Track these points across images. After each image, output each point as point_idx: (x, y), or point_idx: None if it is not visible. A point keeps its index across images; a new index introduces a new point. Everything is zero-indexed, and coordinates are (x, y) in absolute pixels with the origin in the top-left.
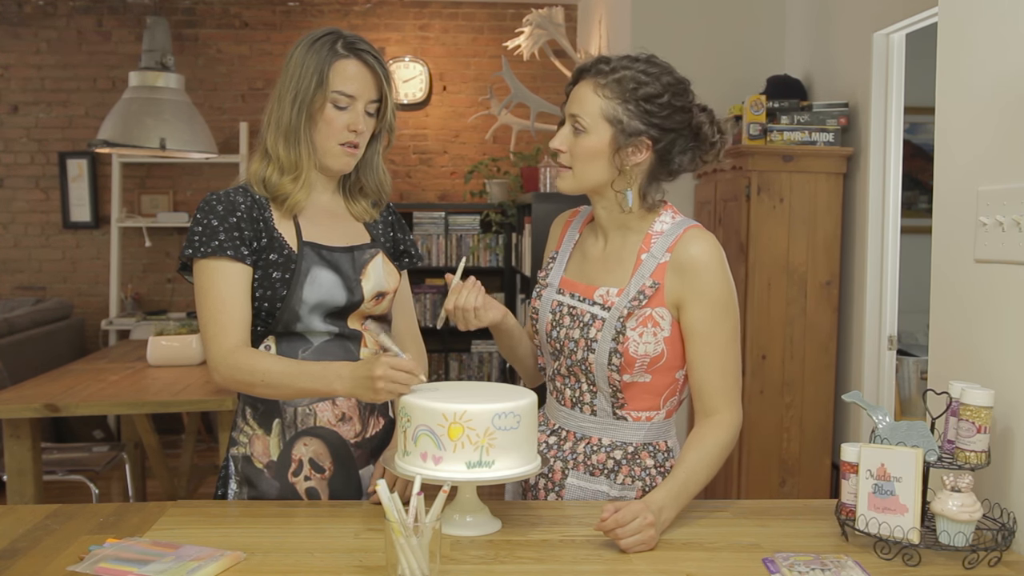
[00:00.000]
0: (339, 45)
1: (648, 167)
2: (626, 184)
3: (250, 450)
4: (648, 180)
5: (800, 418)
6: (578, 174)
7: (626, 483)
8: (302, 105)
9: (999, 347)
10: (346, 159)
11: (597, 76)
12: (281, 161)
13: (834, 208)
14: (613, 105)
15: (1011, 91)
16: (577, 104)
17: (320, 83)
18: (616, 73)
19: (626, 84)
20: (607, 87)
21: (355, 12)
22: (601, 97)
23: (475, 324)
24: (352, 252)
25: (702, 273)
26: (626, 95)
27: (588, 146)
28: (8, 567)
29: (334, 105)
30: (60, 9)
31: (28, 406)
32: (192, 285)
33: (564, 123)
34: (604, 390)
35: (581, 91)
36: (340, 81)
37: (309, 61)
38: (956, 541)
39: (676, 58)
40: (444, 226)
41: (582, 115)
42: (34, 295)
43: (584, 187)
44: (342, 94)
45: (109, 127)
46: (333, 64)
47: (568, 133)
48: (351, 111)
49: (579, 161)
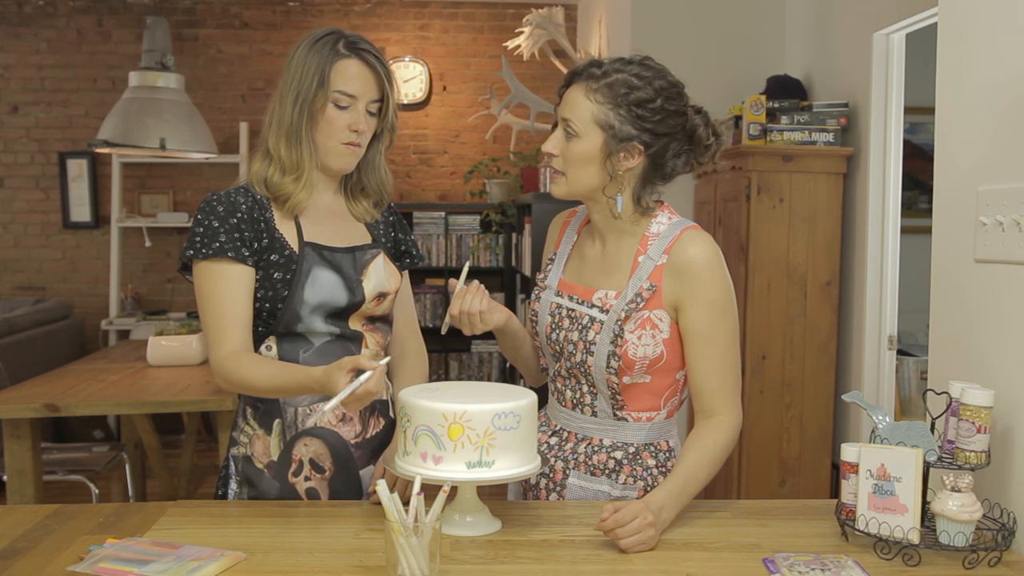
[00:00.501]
0: (341, 45)
1: (641, 171)
2: (617, 189)
3: (250, 450)
4: (641, 184)
5: (800, 418)
6: (570, 179)
7: (628, 483)
8: (304, 105)
9: (999, 347)
10: (347, 159)
11: (589, 80)
12: (283, 161)
13: (834, 208)
14: (604, 110)
15: (1011, 91)
16: (569, 108)
17: (322, 83)
18: (608, 77)
19: (617, 89)
20: (598, 91)
21: (355, 12)
22: (592, 102)
23: (480, 328)
24: (353, 253)
25: (700, 274)
26: (617, 100)
27: (579, 151)
28: (8, 567)
29: (335, 105)
30: (60, 9)
31: (28, 406)
32: (192, 285)
33: (557, 126)
34: (604, 392)
35: (573, 95)
36: (342, 81)
37: (311, 61)
38: (956, 541)
39: (676, 58)
40: (444, 226)
41: (573, 119)
42: (34, 295)
43: (576, 192)
44: (343, 94)
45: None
46: (335, 64)
47: (560, 137)
48: (352, 111)
49: (571, 166)
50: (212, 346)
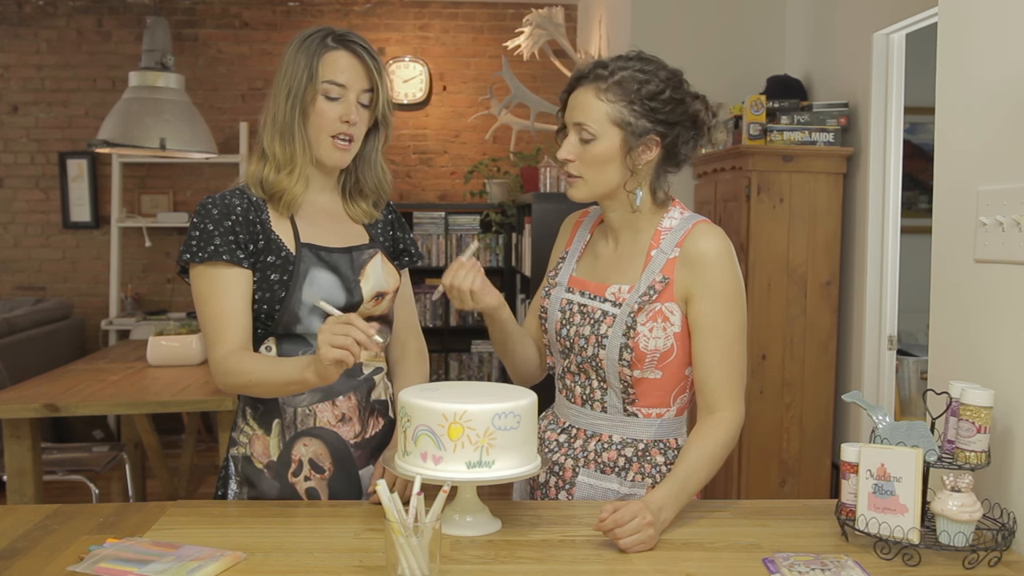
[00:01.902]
0: (329, 39)
1: (656, 162)
2: (637, 183)
3: (250, 450)
4: (656, 175)
5: (800, 418)
6: (590, 182)
7: (636, 480)
8: (295, 100)
9: (999, 347)
10: (339, 153)
11: (597, 81)
12: (277, 158)
13: (834, 208)
14: (618, 108)
15: (1011, 91)
16: (581, 112)
17: (311, 76)
18: (615, 75)
19: (628, 85)
20: (609, 91)
21: (355, 12)
22: (605, 102)
23: (470, 305)
24: (351, 253)
25: (711, 267)
26: (631, 96)
27: (599, 152)
28: (8, 567)
29: (326, 96)
30: (60, 9)
31: (28, 406)
32: (191, 287)
33: (563, 131)
34: (615, 386)
35: (582, 98)
36: (330, 71)
37: (300, 58)
38: (956, 541)
39: (676, 58)
40: (444, 226)
41: (588, 122)
42: (34, 295)
43: (597, 194)
44: (332, 83)
45: (109, 127)
46: (323, 56)
47: (575, 142)
48: (343, 102)
49: (591, 169)
50: (210, 349)
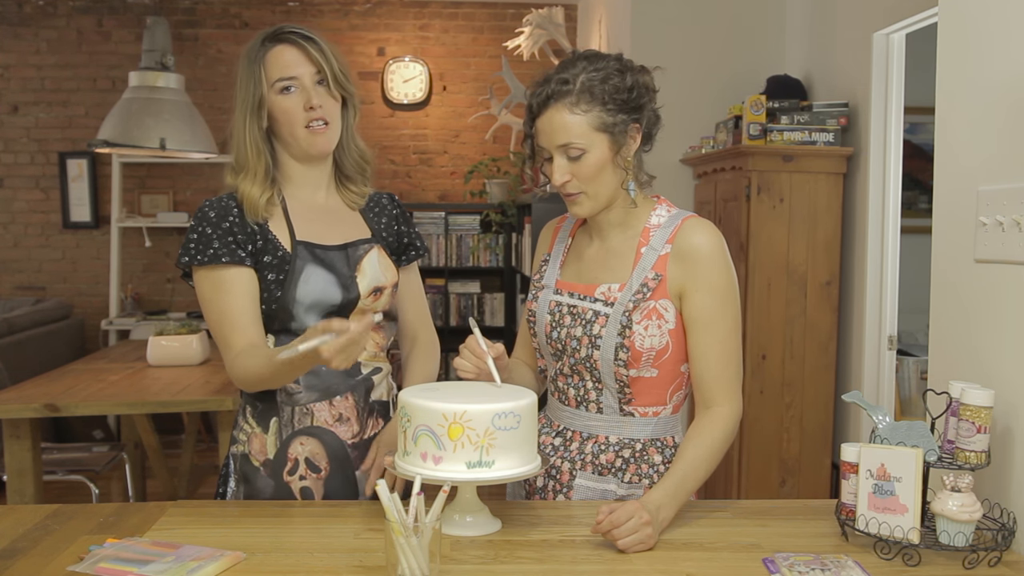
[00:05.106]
0: (265, 40)
1: (636, 148)
2: (629, 177)
3: (248, 448)
4: (637, 162)
5: (800, 418)
6: (593, 194)
7: (633, 481)
8: (252, 108)
9: (999, 347)
10: (320, 137)
11: (564, 97)
12: (239, 164)
13: (834, 208)
14: (595, 114)
15: (1011, 91)
16: (562, 132)
17: (259, 81)
18: (577, 84)
19: (593, 89)
20: (579, 102)
21: (355, 12)
22: (581, 114)
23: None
24: (346, 249)
25: (704, 261)
26: (601, 97)
27: (592, 163)
28: (8, 567)
29: (284, 92)
30: (60, 9)
31: (28, 406)
32: (194, 288)
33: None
34: (611, 386)
35: (556, 119)
36: (277, 69)
37: (245, 70)
38: (956, 541)
39: (676, 58)
40: (444, 226)
41: (574, 139)
42: (34, 295)
43: (602, 204)
44: (282, 79)
45: (109, 127)
46: (265, 58)
47: (565, 164)
48: (300, 92)
49: (589, 181)
50: (223, 352)
